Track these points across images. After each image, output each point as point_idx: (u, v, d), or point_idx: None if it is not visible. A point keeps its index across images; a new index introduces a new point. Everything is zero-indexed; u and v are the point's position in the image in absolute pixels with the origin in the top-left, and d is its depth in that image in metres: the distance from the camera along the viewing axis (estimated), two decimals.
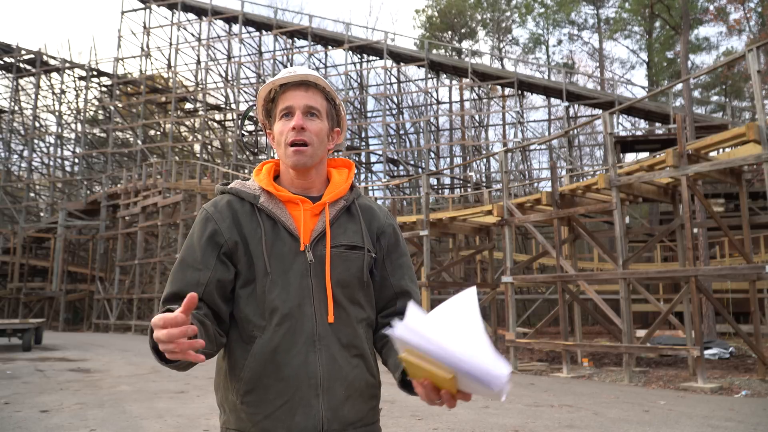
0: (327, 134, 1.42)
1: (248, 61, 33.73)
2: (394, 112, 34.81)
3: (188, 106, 36.66)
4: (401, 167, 34.03)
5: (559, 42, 40.80)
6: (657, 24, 31.70)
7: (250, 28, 33.69)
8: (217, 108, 37.08)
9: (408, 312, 1.00)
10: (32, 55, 35.33)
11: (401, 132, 36.12)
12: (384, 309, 1.46)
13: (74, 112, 36.82)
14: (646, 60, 34.97)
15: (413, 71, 36.18)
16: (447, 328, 0.99)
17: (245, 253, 1.34)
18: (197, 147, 33.98)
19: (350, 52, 30.37)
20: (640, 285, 11.83)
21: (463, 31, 40.98)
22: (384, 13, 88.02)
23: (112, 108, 35.11)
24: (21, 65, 35.86)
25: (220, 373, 1.37)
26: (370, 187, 25.47)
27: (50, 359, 13.13)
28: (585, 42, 40.06)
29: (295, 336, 1.29)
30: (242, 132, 33.30)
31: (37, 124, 36.63)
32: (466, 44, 41.07)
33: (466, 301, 1.04)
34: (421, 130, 34.44)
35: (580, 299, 12.74)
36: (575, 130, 33.57)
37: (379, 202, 24.18)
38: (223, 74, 35.26)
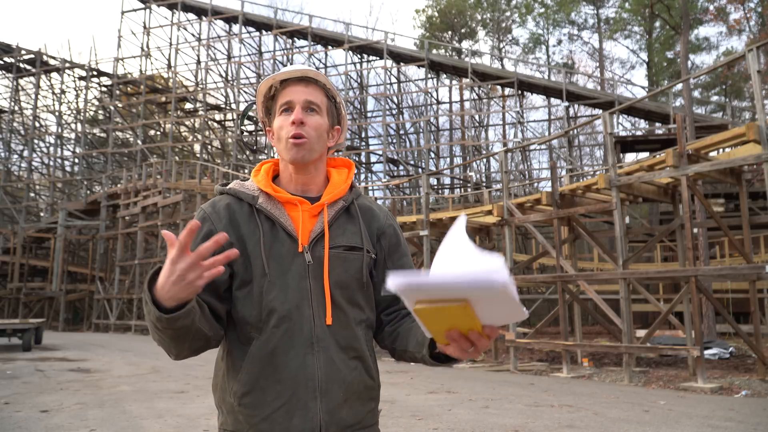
0: (326, 130, 1.42)
1: (248, 61, 33.73)
2: (394, 112, 34.81)
3: (188, 106, 36.66)
4: (401, 167, 34.03)
5: (559, 42, 40.85)
6: (657, 24, 31.70)
7: (250, 28, 33.69)
8: (217, 108, 37.08)
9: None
10: (32, 55, 35.33)
11: (401, 132, 36.13)
12: (386, 308, 1.45)
13: (74, 112, 36.83)
14: (646, 60, 34.98)
15: (413, 71, 36.21)
16: (438, 260, 0.98)
17: (242, 254, 1.32)
18: (197, 147, 33.98)
19: (350, 52, 30.37)
20: (640, 285, 11.83)
21: (463, 31, 40.98)
22: (384, 13, 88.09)
23: (112, 108, 35.11)
24: (21, 65, 35.86)
25: (219, 373, 1.37)
26: (370, 187, 25.48)
27: (50, 359, 13.13)
28: (585, 42, 40.10)
29: (293, 338, 1.29)
30: (242, 130, 33.24)
31: (37, 124, 36.63)
32: (466, 44, 41.10)
33: (457, 231, 1.04)
34: (421, 130, 34.44)
35: (580, 299, 12.74)
36: (575, 130, 33.58)
37: (379, 202, 24.19)
38: (223, 74, 35.27)
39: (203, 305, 1.25)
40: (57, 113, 36.68)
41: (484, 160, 32.59)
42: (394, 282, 0.95)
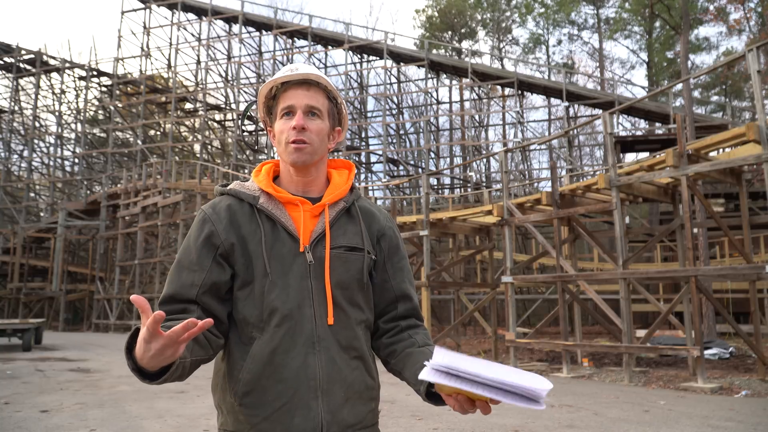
0: (328, 134, 1.42)
1: (248, 61, 33.72)
2: (394, 112, 34.81)
3: (188, 106, 36.65)
4: (401, 167, 34.02)
5: (559, 42, 40.85)
6: (657, 24, 31.71)
7: (250, 28, 33.68)
8: (217, 108, 37.07)
9: (435, 353, 1.03)
10: (32, 55, 35.32)
11: (401, 132, 36.12)
12: (384, 312, 1.45)
13: (74, 112, 36.81)
14: (646, 60, 34.99)
15: (413, 71, 36.23)
16: (479, 365, 1.02)
17: (243, 255, 1.33)
18: (197, 147, 33.97)
19: (350, 52, 30.37)
20: (640, 285, 11.83)
21: (463, 31, 40.98)
22: (384, 13, 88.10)
23: (112, 108, 35.11)
24: (21, 65, 35.85)
25: (219, 373, 1.37)
26: (370, 187, 25.49)
27: (50, 359, 13.13)
28: (585, 42, 40.11)
29: (294, 337, 1.29)
30: (242, 129, 33.21)
31: (37, 124, 36.62)
32: (466, 44, 41.11)
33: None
34: (421, 130, 34.44)
35: (580, 299, 12.73)
36: (575, 130, 33.57)
37: (379, 202, 24.21)
38: (223, 74, 35.27)
39: (199, 336, 1.23)
40: (57, 113, 36.67)
41: (484, 160, 32.58)
42: (436, 358, 1.00)
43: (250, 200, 1.38)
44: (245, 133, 34.09)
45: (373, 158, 34.87)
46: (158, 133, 37.82)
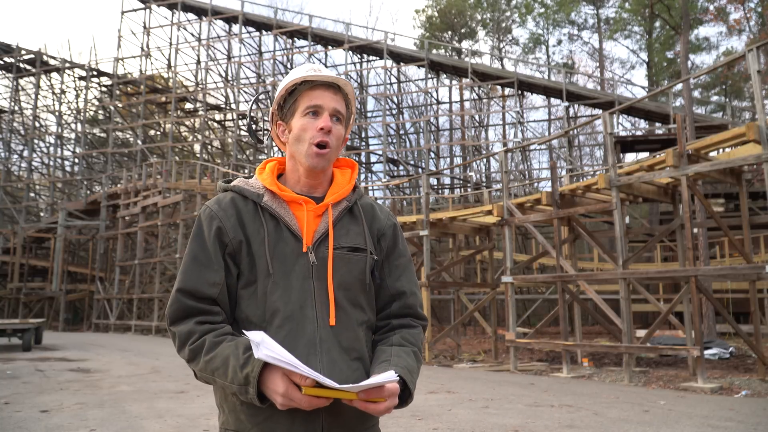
0: (343, 141, 1.44)
1: (248, 61, 33.72)
2: (394, 112, 34.79)
3: (188, 106, 36.64)
4: (401, 167, 34.01)
5: (559, 42, 40.84)
6: (657, 24, 31.71)
7: (250, 28, 33.68)
8: (217, 108, 37.06)
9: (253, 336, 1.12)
10: (32, 55, 35.31)
11: (401, 132, 36.10)
12: (381, 310, 1.45)
13: (74, 112, 36.80)
14: (646, 60, 34.99)
15: (413, 71, 36.22)
16: None
17: (248, 254, 1.33)
18: (197, 147, 33.97)
19: (350, 52, 30.36)
20: (640, 285, 11.83)
21: (463, 31, 40.98)
22: (384, 13, 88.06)
23: (112, 108, 35.10)
24: (21, 65, 35.84)
25: None
26: (370, 187, 25.46)
27: (50, 359, 13.13)
28: (585, 42, 40.10)
29: (296, 338, 1.29)
30: (250, 117, 33.11)
31: (37, 124, 36.60)
32: (466, 44, 41.10)
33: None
34: (421, 130, 34.43)
35: (580, 299, 12.73)
36: (575, 130, 33.57)
37: (379, 202, 24.15)
38: (223, 74, 35.26)
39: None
40: (57, 113, 36.65)
41: (484, 160, 32.57)
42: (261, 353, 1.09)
43: (254, 198, 1.38)
44: (253, 128, 33.96)
45: (373, 158, 34.89)
46: (158, 133, 37.81)
